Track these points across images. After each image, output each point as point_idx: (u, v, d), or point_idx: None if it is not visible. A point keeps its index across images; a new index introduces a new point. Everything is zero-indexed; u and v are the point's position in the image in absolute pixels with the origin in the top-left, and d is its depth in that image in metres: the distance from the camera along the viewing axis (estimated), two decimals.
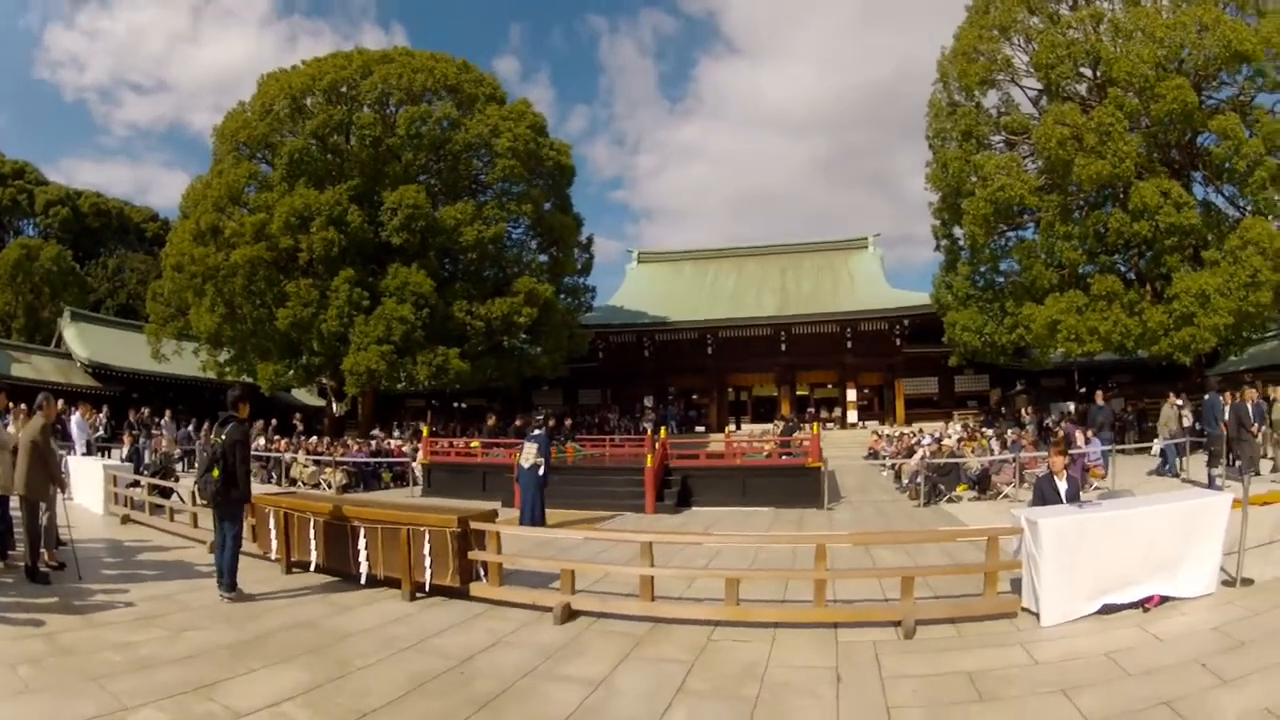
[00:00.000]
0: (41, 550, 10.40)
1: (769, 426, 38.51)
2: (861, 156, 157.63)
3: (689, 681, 7.01)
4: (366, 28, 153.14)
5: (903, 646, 7.83)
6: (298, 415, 34.94)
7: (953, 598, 9.10)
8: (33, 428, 10.52)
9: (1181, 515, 8.74)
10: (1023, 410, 31.97)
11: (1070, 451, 12.54)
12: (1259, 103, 26.64)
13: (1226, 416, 18.38)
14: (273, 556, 11.58)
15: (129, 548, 13.40)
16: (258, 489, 13.20)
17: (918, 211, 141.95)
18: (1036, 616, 8.22)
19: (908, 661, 7.36)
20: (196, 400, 40.36)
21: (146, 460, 22.62)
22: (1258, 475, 16.46)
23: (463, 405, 47.93)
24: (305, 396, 47.95)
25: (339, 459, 26.04)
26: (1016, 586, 8.76)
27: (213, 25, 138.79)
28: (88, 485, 18.07)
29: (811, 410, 45.22)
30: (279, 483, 24.92)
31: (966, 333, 31.18)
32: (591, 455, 26.48)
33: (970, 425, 31.53)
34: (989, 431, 27.01)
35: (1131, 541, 8.41)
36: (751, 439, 30.73)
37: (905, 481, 22.76)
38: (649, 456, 20.57)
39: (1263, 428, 18.53)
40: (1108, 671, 6.77)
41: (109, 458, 22.59)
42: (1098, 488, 18.25)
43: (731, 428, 43.39)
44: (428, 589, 9.84)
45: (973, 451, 22.36)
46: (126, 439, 24.42)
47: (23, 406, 13.34)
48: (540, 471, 16.95)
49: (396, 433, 36.33)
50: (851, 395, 46.12)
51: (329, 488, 24.10)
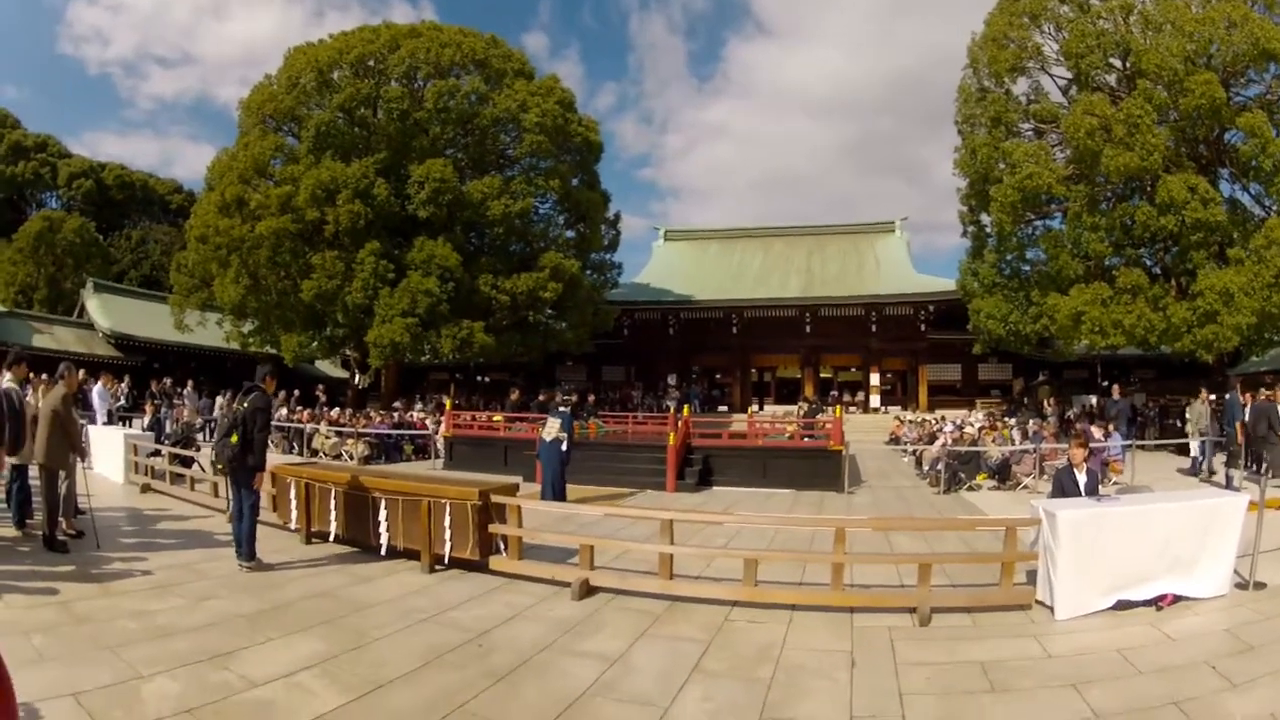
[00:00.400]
0: (60, 519, 10.50)
1: (792, 408, 38.55)
2: (889, 141, 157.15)
3: (705, 661, 7.04)
4: (394, 3, 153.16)
5: (918, 633, 7.84)
6: (320, 386, 35.15)
7: (969, 587, 9.10)
8: (54, 396, 10.62)
9: (1198, 514, 8.69)
10: (1045, 401, 31.80)
11: (1090, 445, 12.45)
12: None
13: (1245, 417, 18.25)
14: (292, 526, 11.68)
15: (148, 516, 13.52)
16: (279, 459, 13.31)
17: (945, 197, 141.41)
18: (1051, 609, 8.21)
19: (922, 649, 7.37)
20: (219, 370, 40.65)
21: (168, 430, 22.78)
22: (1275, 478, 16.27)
23: (486, 379, 48.07)
24: (328, 368, 48.17)
25: (361, 430, 26.15)
26: (1032, 578, 8.74)
27: None
28: (109, 454, 18.21)
29: (835, 393, 45.38)
30: (300, 453, 25.06)
31: (991, 320, 31.00)
32: (614, 432, 26.54)
33: (993, 414, 31.43)
34: (1011, 421, 26.93)
35: (1148, 538, 8.38)
36: (774, 420, 30.74)
37: (926, 468, 22.74)
38: (671, 435, 20.63)
39: None
40: (1119, 668, 6.76)
41: (130, 427, 22.72)
42: (1116, 482, 18.16)
43: (754, 408, 43.46)
44: (447, 561, 9.92)
45: (994, 441, 22.28)
46: (148, 408, 24.55)
47: (44, 376, 13.45)
48: (563, 447, 17.07)
49: (419, 405, 36.48)
50: (875, 380, 45.99)
51: (351, 459, 24.24)
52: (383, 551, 10.34)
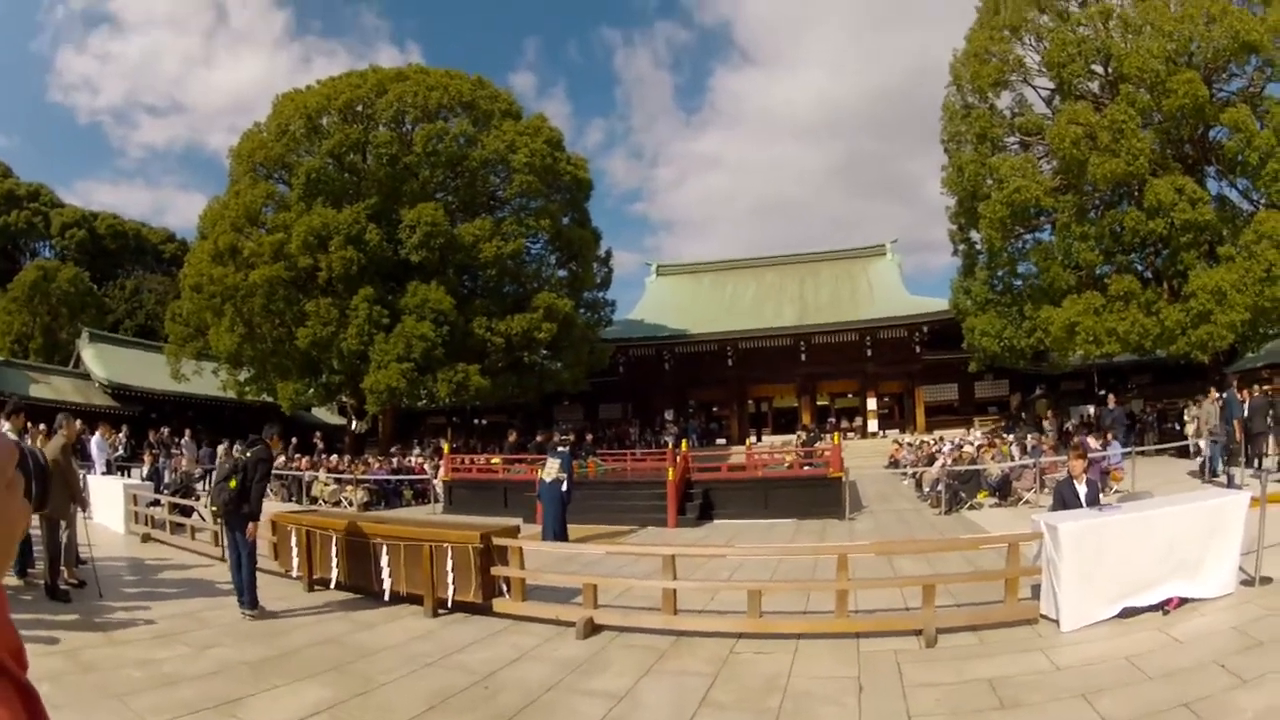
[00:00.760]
0: (61, 568, 10.49)
1: (790, 437, 38.52)
2: (878, 162, 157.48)
3: (712, 693, 7.03)
4: (381, 47, 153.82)
5: (924, 655, 7.83)
6: (318, 434, 35.11)
7: (974, 605, 9.09)
8: (53, 446, 10.64)
9: (1200, 516, 8.73)
10: (1043, 415, 31.80)
11: (1089, 456, 12.47)
12: (1269, 93, 26.45)
13: (1244, 414, 18.30)
14: (294, 574, 11.66)
15: (150, 566, 13.51)
16: (279, 507, 13.31)
17: (935, 216, 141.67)
18: (1056, 623, 8.20)
19: (929, 670, 7.36)
20: (216, 420, 40.49)
21: (166, 480, 22.76)
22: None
23: (483, 422, 47.96)
24: (325, 415, 48.08)
25: (360, 477, 26.13)
26: (1037, 593, 8.74)
27: (226, 47, 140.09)
28: (108, 504, 18.20)
29: (832, 420, 45.13)
30: (300, 501, 25.02)
31: (985, 338, 31.03)
32: (613, 470, 26.47)
33: (991, 431, 31.44)
34: (1009, 437, 26.94)
35: (1150, 543, 8.41)
36: (773, 450, 30.74)
37: (926, 490, 22.71)
38: (670, 470, 20.60)
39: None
40: (1128, 675, 6.77)
41: (129, 477, 22.71)
42: (1118, 491, 18.16)
43: (752, 439, 43.29)
44: (450, 605, 9.90)
45: (992, 458, 22.28)
46: (147, 458, 24.55)
47: (41, 427, 13.45)
48: (563, 487, 17.04)
49: (417, 450, 36.42)
50: (872, 404, 45.77)
51: (350, 505, 24.20)
52: (385, 597, 10.31)
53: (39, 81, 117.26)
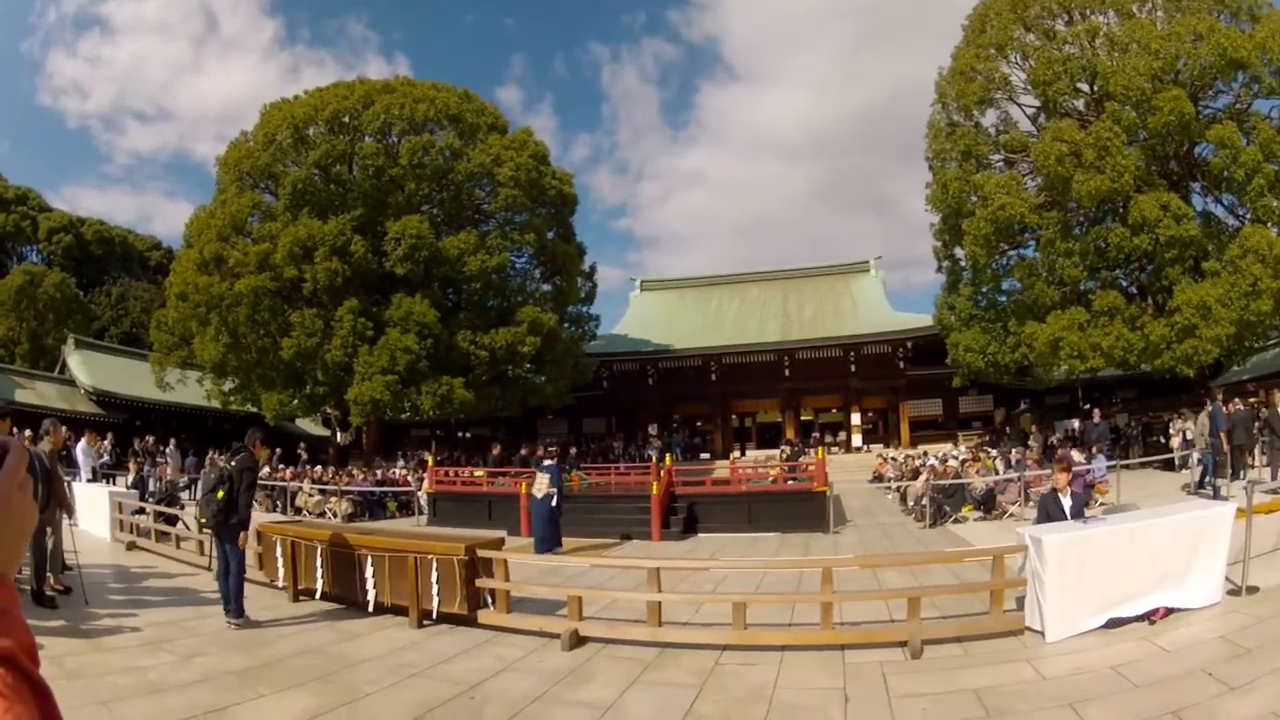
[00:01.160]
0: (47, 574, 10.42)
1: (774, 452, 38.54)
2: (863, 179, 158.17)
3: (697, 705, 7.02)
4: (370, 58, 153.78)
5: (910, 666, 7.83)
6: (302, 444, 35.09)
7: (959, 617, 9.12)
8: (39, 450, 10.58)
9: (1186, 527, 8.79)
10: (1028, 430, 31.90)
11: (1073, 469, 12.51)
12: (1255, 109, 26.75)
13: (1227, 427, 18.40)
14: (280, 584, 11.60)
15: (135, 574, 13.42)
16: (263, 517, 13.27)
17: (919, 233, 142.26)
18: (1042, 634, 8.23)
19: (915, 681, 7.36)
20: (200, 429, 40.39)
21: (151, 488, 22.67)
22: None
23: (467, 434, 47.83)
24: (310, 426, 47.99)
25: (344, 488, 26.05)
26: (1022, 604, 8.76)
27: (215, 55, 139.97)
28: (93, 511, 18.04)
29: (816, 435, 45.23)
30: (284, 512, 24.91)
31: (970, 353, 31.16)
32: (597, 483, 26.47)
33: (975, 445, 31.52)
34: (993, 452, 27.02)
35: (1136, 555, 8.46)
36: (757, 465, 30.74)
37: (911, 504, 22.76)
38: (654, 484, 20.58)
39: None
40: (1115, 684, 6.80)
41: (114, 484, 22.62)
42: (1102, 503, 18.22)
43: (736, 454, 43.26)
44: (435, 616, 9.85)
45: (977, 472, 22.34)
46: (132, 466, 24.44)
47: (27, 432, 13.38)
48: (554, 501, 17.45)
49: (401, 462, 36.33)
50: (856, 419, 45.86)
51: (334, 517, 24.10)
52: (370, 608, 10.27)
53: (29, 84, 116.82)
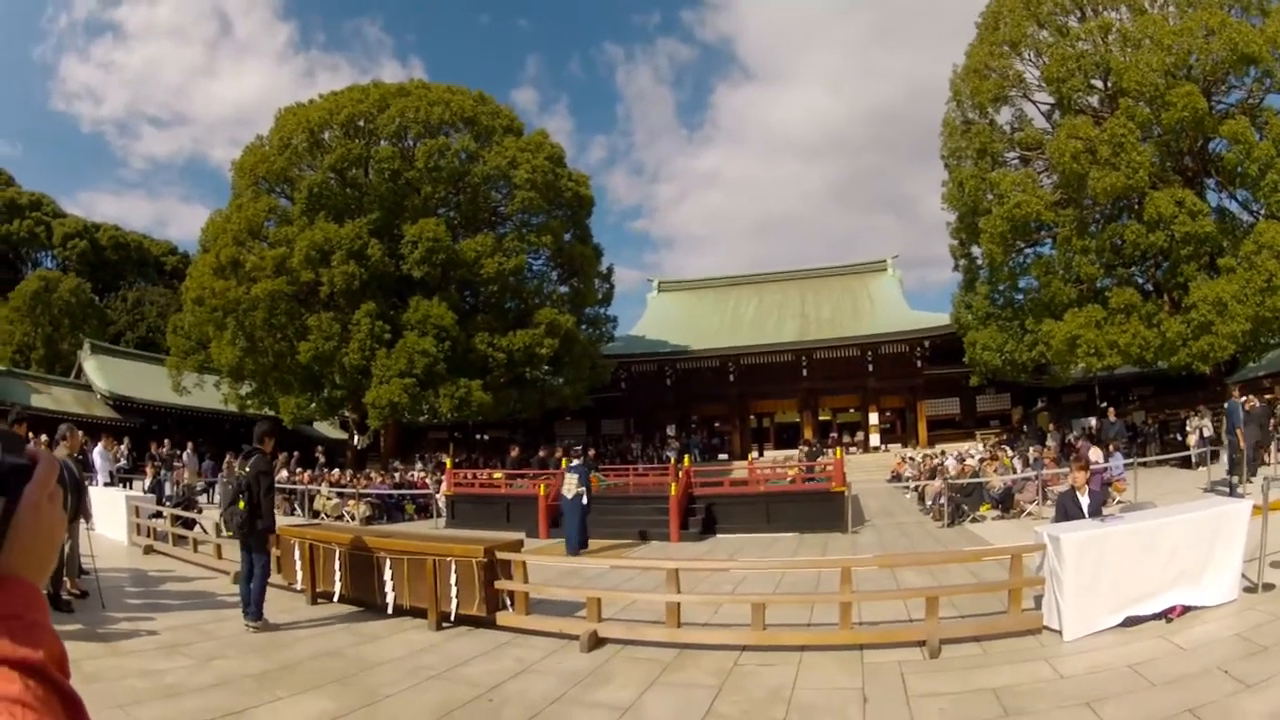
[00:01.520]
0: (64, 578, 10.45)
1: (792, 452, 38.47)
2: (879, 178, 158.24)
3: (716, 705, 7.01)
4: (384, 61, 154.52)
5: (928, 666, 7.81)
6: (320, 448, 35.09)
7: (977, 616, 9.08)
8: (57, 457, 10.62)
9: (1202, 525, 8.74)
10: (1045, 428, 31.75)
11: (1091, 467, 12.46)
12: (1268, 104, 26.61)
13: (1244, 423, 18.28)
14: (298, 587, 11.63)
15: (152, 577, 13.47)
16: (281, 520, 13.30)
17: (936, 232, 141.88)
18: (1059, 632, 8.20)
19: (934, 680, 7.34)
20: (217, 433, 40.48)
21: (168, 492, 22.77)
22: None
23: (485, 437, 47.89)
24: (327, 429, 48.11)
25: (362, 491, 26.09)
26: (1040, 603, 8.73)
27: (230, 59, 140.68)
28: (110, 516, 18.12)
29: (834, 435, 45.14)
30: (302, 515, 24.98)
31: (987, 352, 31.06)
32: (615, 485, 26.45)
33: (993, 445, 31.43)
34: (1011, 450, 26.92)
35: (1153, 553, 8.42)
36: (775, 465, 30.71)
37: (929, 503, 22.70)
38: (673, 485, 20.53)
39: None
40: (1132, 683, 6.78)
41: (130, 489, 22.72)
42: (1120, 501, 18.13)
43: (755, 454, 43.27)
44: (454, 618, 9.85)
45: (995, 471, 22.26)
46: (149, 470, 24.54)
47: (43, 437, 13.44)
48: (584, 501, 17.76)
49: (419, 464, 36.38)
50: (874, 418, 45.74)
51: (352, 519, 24.14)
52: (389, 610, 10.28)
53: (42, 89, 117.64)
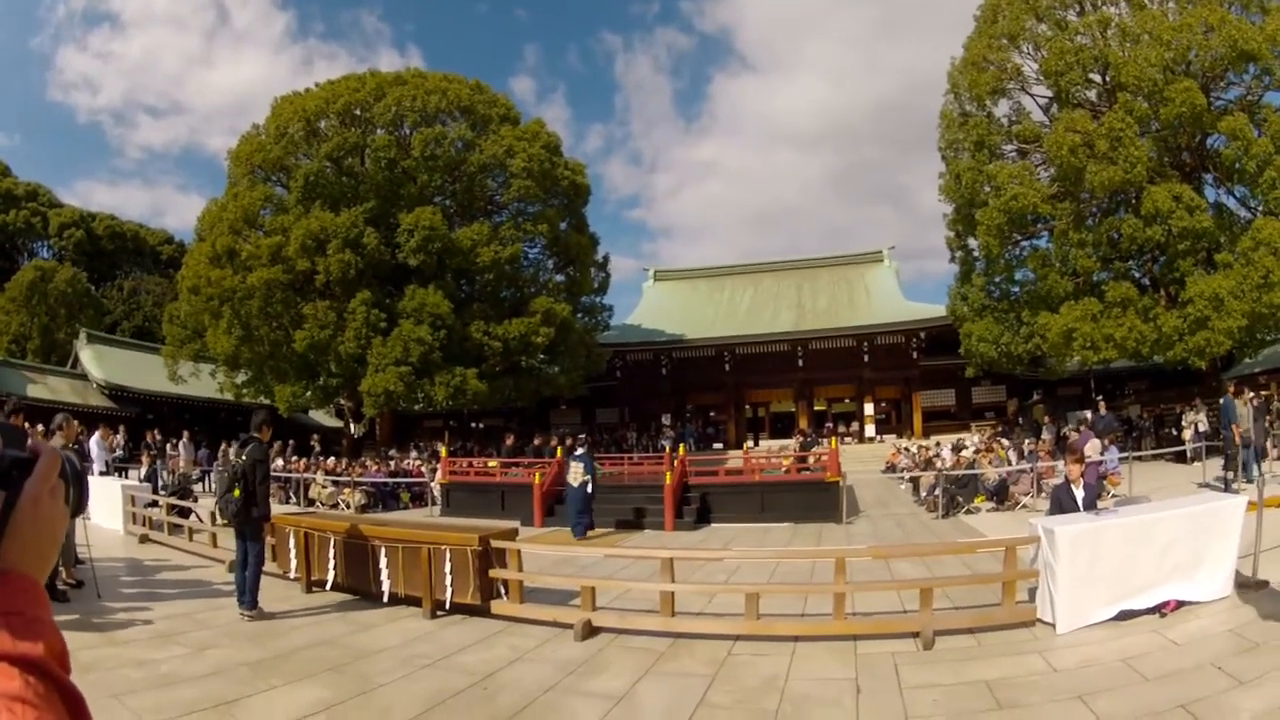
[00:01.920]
0: (60, 568, 10.44)
1: (787, 442, 38.41)
2: (876, 169, 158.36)
3: (710, 694, 7.03)
4: (382, 50, 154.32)
5: (922, 657, 7.84)
6: (315, 436, 35.12)
7: (971, 608, 9.09)
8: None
9: (1196, 520, 8.75)
10: (1041, 421, 31.81)
11: (1087, 460, 12.48)
12: (1267, 100, 26.59)
13: (1239, 419, 18.23)
14: (292, 575, 11.65)
15: (148, 567, 13.50)
16: (277, 509, 13.29)
17: (932, 223, 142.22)
18: (1053, 625, 8.23)
19: (927, 672, 7.37)
20: (213, 422, 40.48)
21: (163, 481, 22.75)
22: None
23: (480, 425, 47.79)
24: (323, 417, 48.07)
25: (357, 479, 26.08)
26: (1034, 596, 8.75)
27: (227, 48, 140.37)
28: (106, 505, 18.12)
29: (829, 425, 45.12)
30: (298, 503, 24.96)
31: (983, 344, 31.06)
32: (610, 474, 26.46)
33: (989, 436, 31.47)
34: (1006, 442, 26.96)
35: (1147, 547, 8.44)
36: (770, 455, 30.69)
37: (923, 494, 22.70)
38: (667, 474, 20.55)
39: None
40: (1125, 677, 6.80)
41: (127, 478, 22.71)
42: (1114, 495, 18.16)
43: (750, 444, 43.22)
44: (448, 607, 9.88)
45: (990, 463, 22.28)
46: (144, 459, 24.53)
47: (39, 427, 13.41)
48: (589, 489, 18.27)
49: (414, 453, 36.37)
50: (869, 409, 45.81)
51: (347, 508, 24.15)
52: (384, 599, 10.30)
53: (39, 79, 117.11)
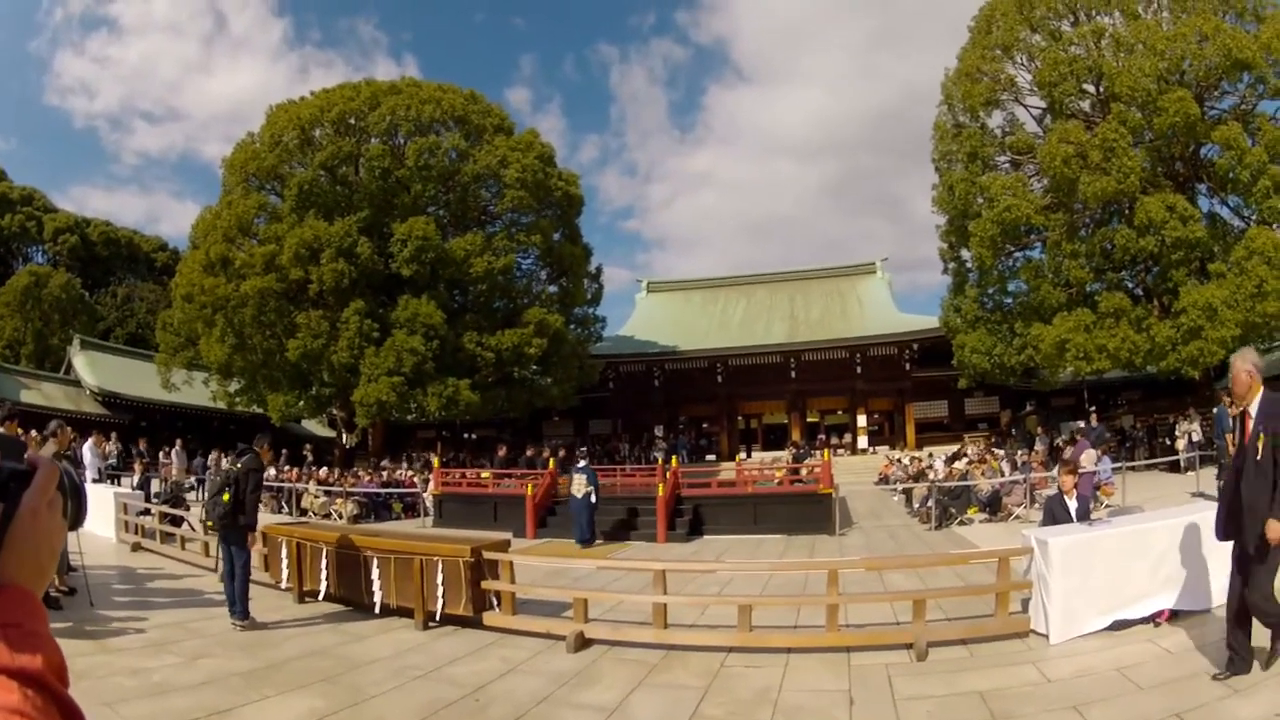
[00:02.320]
0: (52, 575, 10.38)
1: (780, 454, 38.45)
2: (870, 181, 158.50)
3: (703, 707, 7.00)
4: (379, 59, 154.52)
5: (915, 668, 7.82)
6: (308, 446, 35.08)
7: (964, 619, 9.08)
8: (45, 454, 10.58)
9: (1190, 530, 8.74)
10: (1034, 432, 31.83)
11: (1080, 471, 12.47)
12: (1260, 110, 26.71)
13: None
14: (284, 585, 11.59)
15: (141, 575, 13.44)
16: (269, 518, 13.28)
17: (925, 235, 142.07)
18: (1046, 636, 8.21)
19: (920, 683, 7.34)
20: (206, 430, 40.44)
21: (155, 489, 22.67)
22: None
23: (473, 436, 47.78)
24: (315, 427, 48.00)
25: (350, 489, 26.02)
26: (1028, 607, 8.74)
27: (224, 55, 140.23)
28: (99, 512, 18.03)
29: (822, 436, 45.09)
30: (290, 513, 24.90)
31: (975, 355, 31.10)
32: (603, 485, 26.45)
33: (983, 448, 31.51)
34: (999, 453, 26.98)
35: (1140, 557, 8.44)
36: (762, 466, 30.69)
37: (916, 505, 22.71)
38: (660, 486, 20.53)
39: None
40: (1119, 686, 6.79)
41: (120, 486, 22.64)
42: (1108, 505, 18.17)
43: (742, 455, 43.28)
44: (440, 618, 9.84)
45: (983, 474, 22.29)
46: (137, 467, 24.46)
47: (33, 433, 13.37)
48: (592, 499, 18.79)
49: (406, 463, 36.31)
50: (862, 420, 45.82)
51: (340, 518, 24.08)
52: (376, 609, 10.28)
53: (36, 83, 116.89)
